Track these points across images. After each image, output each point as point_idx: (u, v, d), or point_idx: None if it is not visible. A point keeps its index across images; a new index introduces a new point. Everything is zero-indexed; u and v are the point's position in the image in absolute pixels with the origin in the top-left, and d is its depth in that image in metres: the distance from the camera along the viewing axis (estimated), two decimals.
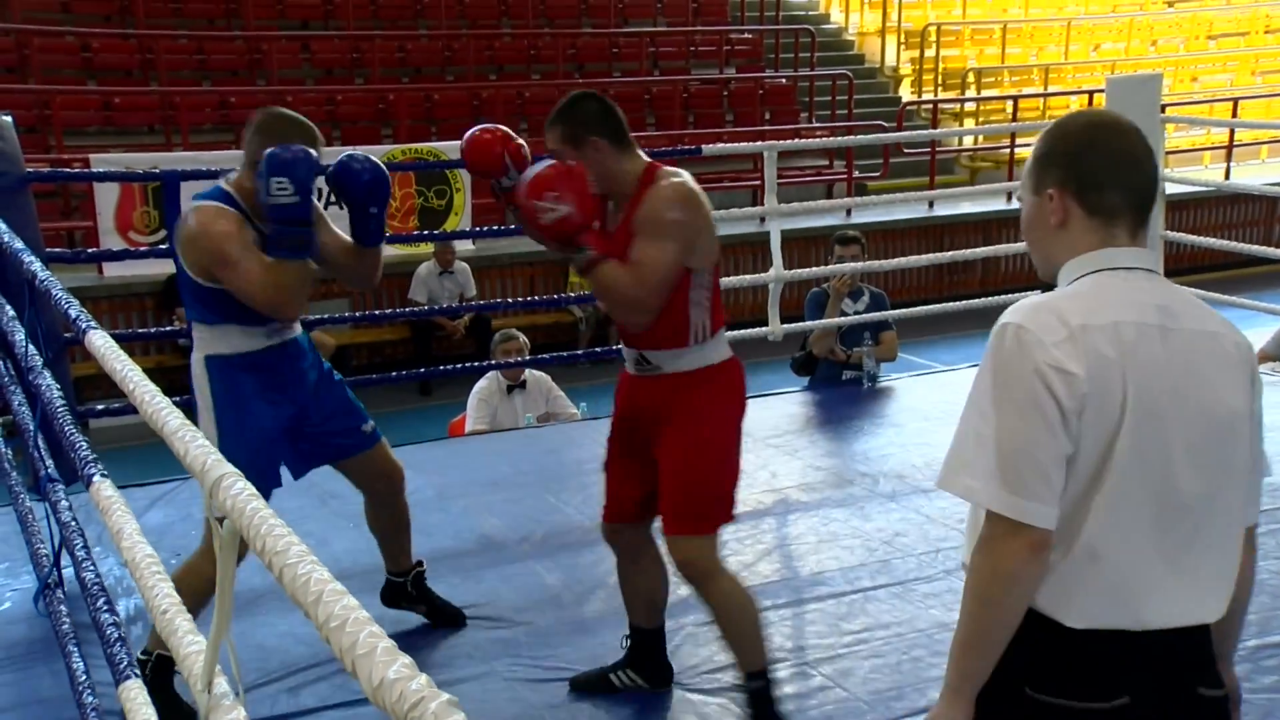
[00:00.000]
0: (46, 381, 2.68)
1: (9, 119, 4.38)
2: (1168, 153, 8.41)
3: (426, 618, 3.60)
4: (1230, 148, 13.80)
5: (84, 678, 2.62)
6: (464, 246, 10.18)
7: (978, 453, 1.63)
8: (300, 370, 3.30)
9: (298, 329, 3.34)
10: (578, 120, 2.85)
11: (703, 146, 7.07)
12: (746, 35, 14.59)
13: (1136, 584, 1.64)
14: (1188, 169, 13.32)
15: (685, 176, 2.87)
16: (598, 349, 9.09)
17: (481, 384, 6.00)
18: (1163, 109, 6.66)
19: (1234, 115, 13.60)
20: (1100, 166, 1.72)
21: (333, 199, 3.70)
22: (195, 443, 1.53)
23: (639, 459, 3.00)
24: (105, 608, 2.14)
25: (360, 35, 12.55)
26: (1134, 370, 1.62)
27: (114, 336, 2.24)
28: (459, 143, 2.97)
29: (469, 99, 12.18)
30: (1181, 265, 11.08)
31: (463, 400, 6.14)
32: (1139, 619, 1.64)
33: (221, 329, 3.12)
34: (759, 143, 9.70)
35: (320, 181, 3.22)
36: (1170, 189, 6.63)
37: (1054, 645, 1.66)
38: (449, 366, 6.25)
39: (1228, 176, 13.29)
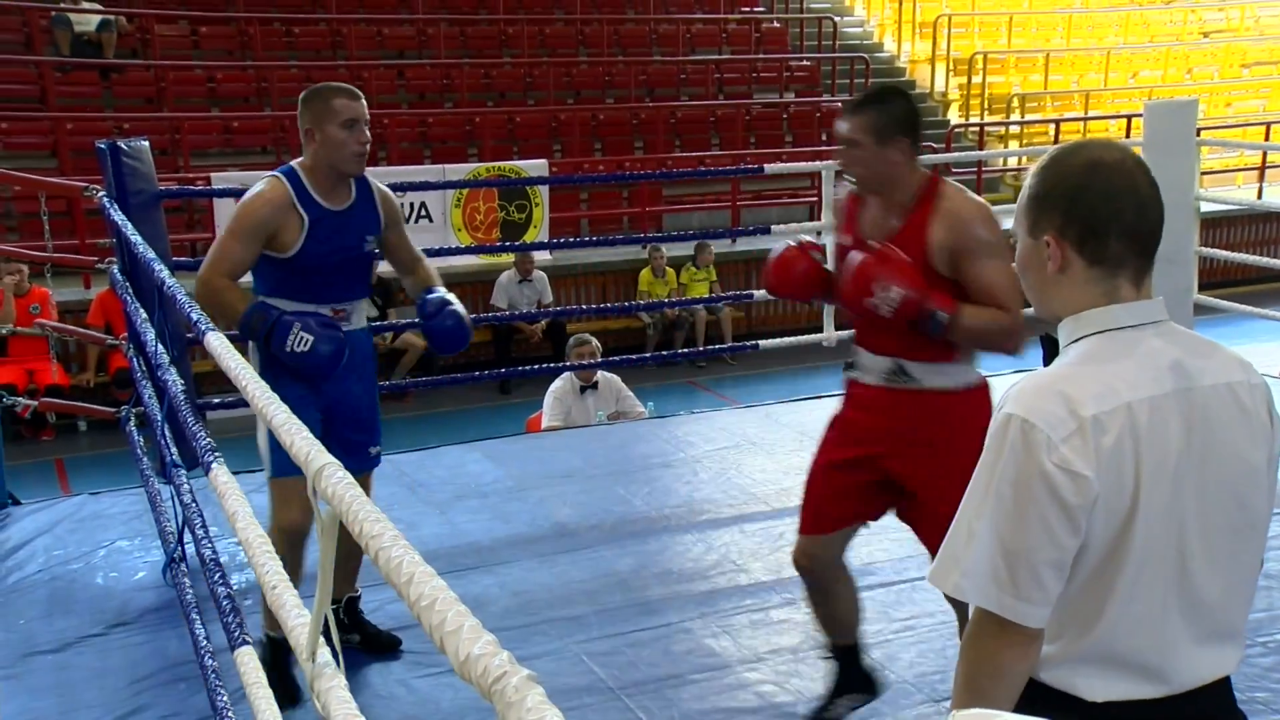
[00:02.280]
0: (172, 377, 2.74)
1: (146, 144, 4.48)
2: (1203, 173, 8.21)
3: (359, 647, 3.30)
4: (1263, 169, 13.47)
5: (205, 643, 2.68)
6: (542, 257, 10.24)
7: (968, 548, 1.46)
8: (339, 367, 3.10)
9: (356, 323, 3.19)
10: (892, 116, 2.55)
11: (764, 166, 7.04)
12: (805, 63, 14.51)
13: (1158, 657, 1.48)
14: (1222, 189, 13.01)
15: (964, 188, 2.64)
16: (664, 352, 9.10)
17: (557, 384, 6.03)
18: (1198, 132, 6.50)
19: (1266, 139, 13.29)
20: (1102, 211, 1.48)
21: (420, 213, 3.73)
22: (300, 434, 1.55)
23: (864, 476, 2.66)
24: (221, 581, 2.18)
25: (450, 63, 12.68)
26: (1149, 453, 1.43)
27: (228, 336, 2.28)
28: (540, 161, 2.94)
29: (548, 121, 12.24)
30: (1215, 279, 10.83)
31: (539, 399, 6.18)
32: (1160, 687, 1.49)
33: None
34: (817, 162, 9.63)
35: (414, 195, 3.29)
36: (1205, 207, 6.48)
37: (1073, 717, 1.50)
38: (527, 367, 6.28)
39: (1260, 196, 13.00)
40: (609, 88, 13.25)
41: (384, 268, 10.02)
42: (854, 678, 2.88)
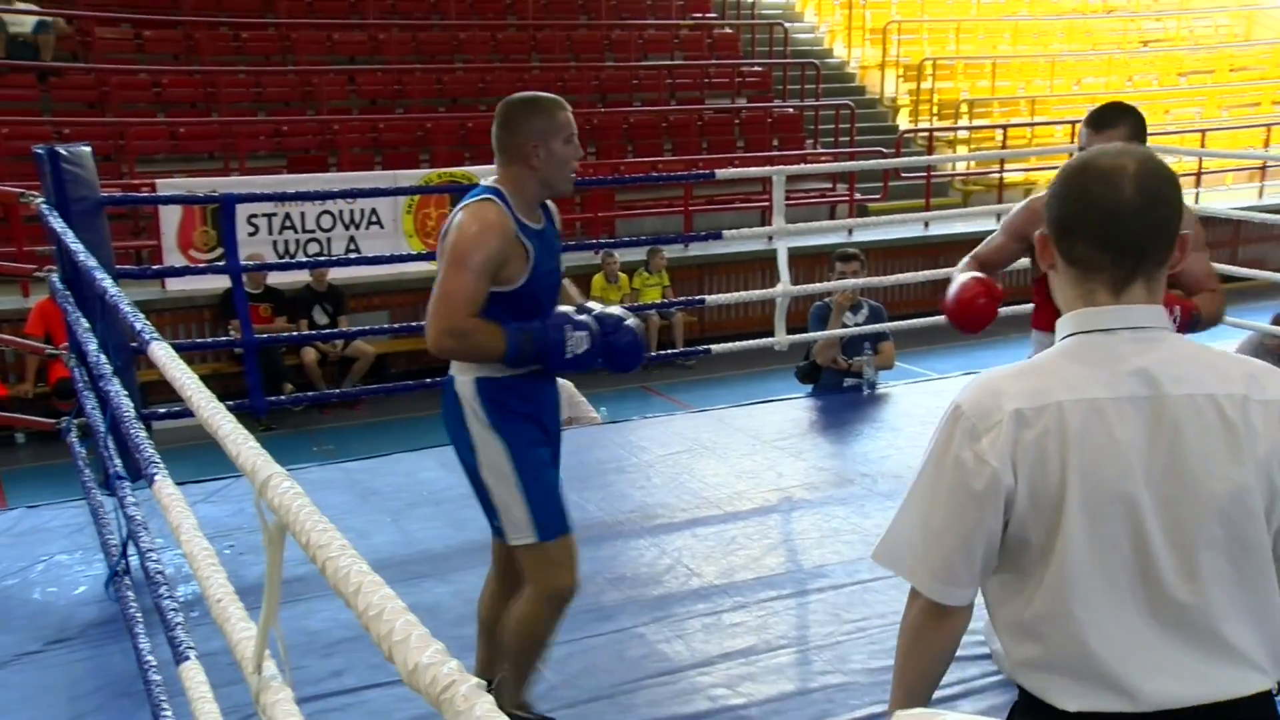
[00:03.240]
0: (115, 388, 2.70)
1: (88, 149, 4.41)
2: None
3: None
4: (1199, 175, 13.74)
5: (149, 658, 2.64)
6: None
7: (897, 520, 1.58)
8: (555, 415, 2.87)
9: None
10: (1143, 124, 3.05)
11: (716, 171, 7.07)
12: (757, 69, 14.59)
13: (1131, 669, 1.47)
14: None
15: None
16: None
17: None
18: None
19: (1202, 145, 13.58)
20: (1072, 214, 1.51)
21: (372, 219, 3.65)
22: (246, 443, 1.53)
23: None
24: (167, 594, 2.15)
25: (402, 69, 12.61)
26: (1079, 454, 1.44)
27: (175, 346, 2.25)
28: (492, 166, 2.84)
29: None
30: None
31: None
32: (1137, 701, 1.47)
33: None
34: (768, 167, 9.70)
35: (365, 202, 3.18)
36: None
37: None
38: None
39: (1197, 201, 13.24)
40: (562, 93, 13.15)
41: (335, 273, 9.93)
42: None
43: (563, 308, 2.76)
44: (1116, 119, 3.05)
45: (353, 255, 9.67)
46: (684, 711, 3.02)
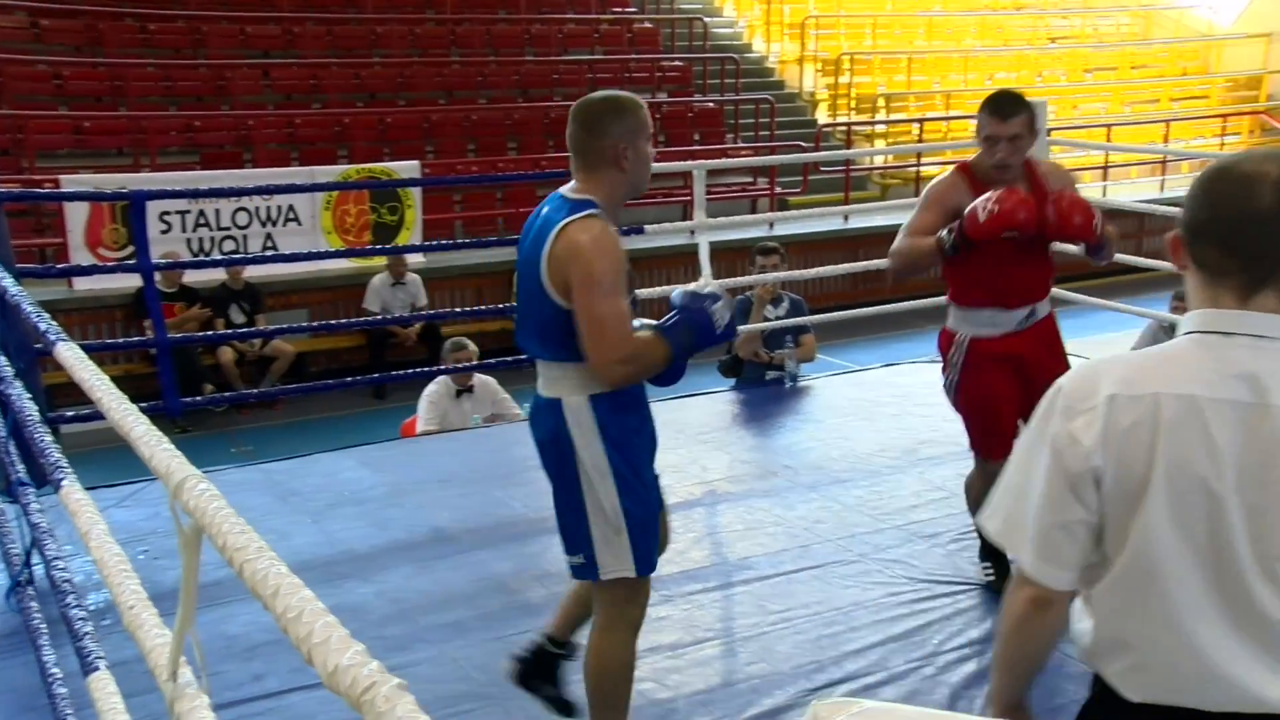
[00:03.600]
0: (17, 391, 2.62)
1: None
2: None
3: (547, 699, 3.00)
4: (1106, 168, 14.11)
5: (54, 670, 2.56)
6: (416, 259, 10.10)
7: (1003, 498, 1.60)
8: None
9: None
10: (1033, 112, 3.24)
11: None
12: (677, 63, 14.62)
13: (1202, 667, 1.47)
14: None
15: None
16: None
17: (432, 388, 5.95)
18: (1049, 132, 6.77)
19: (1108, 139, 13.95)
20: (1202, 218, 1.49)
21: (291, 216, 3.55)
22: (160, 446, 1.50)
23: (1021, 393, 3.27)
24: (74, 604, 2.09)
25: (318, 63, 12.41)
26: (1169, 448, 1.44)
27: (85, 347, 2.19)
28: (413, 162, 2.80)
29: (420, 122, 12.08)
30: (1067, 273, 11.25)
31: (414, 403, 6.09)
32: (1204, 700, 1.49)
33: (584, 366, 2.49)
34: (689, 162, 9.73)
35: (281, 198, 3.06)
36: None
37: (1115, 714, 1.56)
38: (402, 372, 6.19)
39: (1104, 194, 13.60)
40: (482, 88, 13.14)
41: (251, 271, 9.74)
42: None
43: (675, 290, 2.73)
44: (1019, 108, 3.21)
45: (270, 253, 9.50)
46: None
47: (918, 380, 6.09)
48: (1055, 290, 6.96)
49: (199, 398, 7.45)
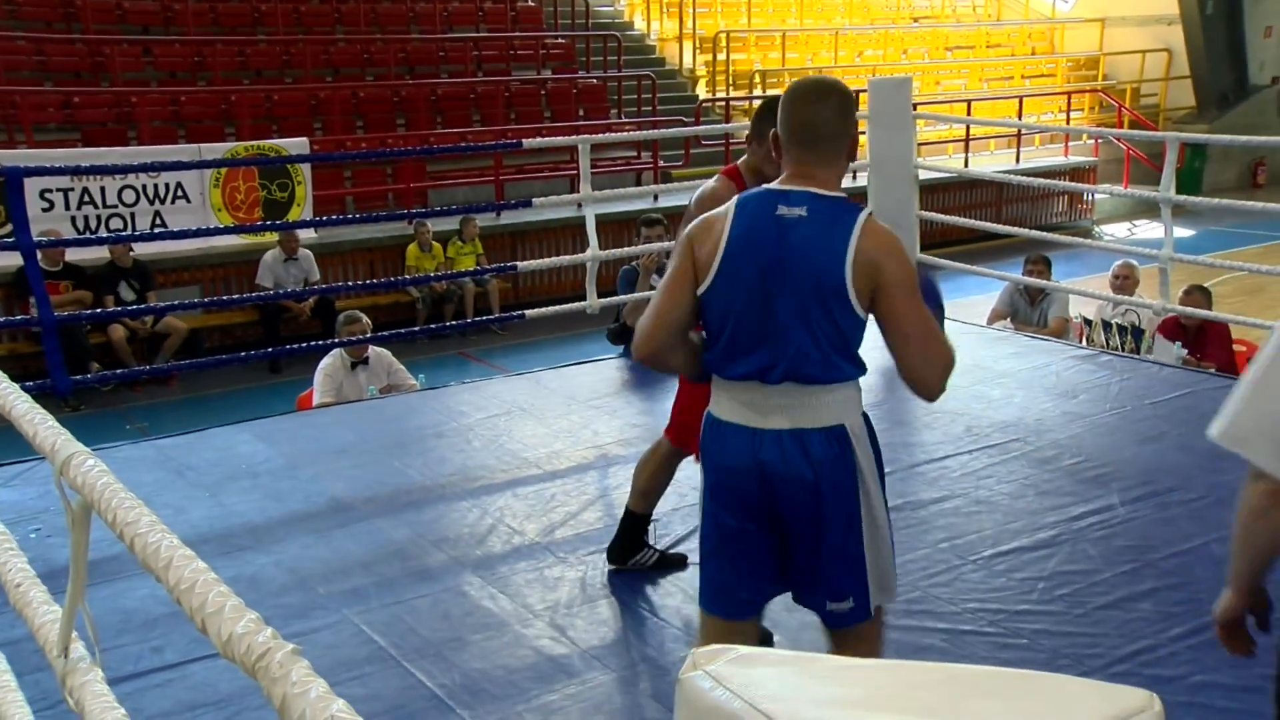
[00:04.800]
0: None
1: None
2: (919, 144, 8.77)
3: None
4: (967, 141, 14.49)
5: None
6: (307, 235, 9.86)
7: (1236, 404, 1.71)
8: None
9: None
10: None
11: (523, 140, 7.00)
12: (560, 40, 14.49)
13: None
14: (935, 158, 13.91)
15: None
16: (434, 325, 8.96)
17: (326, 361, 5.83)
18: (915, 107, 6.91)
19: (968, 114, 14.32)
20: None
21: None
22: (45, 424, 1.43)
23: None
24: None
25: (201, 40, 11.94)
26: None
27: None
28: (301, 139, 2.66)
29: (307, 99, 11.75)
30: (933, 240, 11.56)
31: (309, 376, 5.96)
32: None
33: (859, 384, 2.25)
34: (574, 136, 9.67)
35: (169, 176, 2.84)
36: (922, 175, 6.91)
37: None
38: (296, 346, 6.04)
39: (966, 165, 13.97)
40: (368, 66, 12.84)
41: (141, 249, 9.38)
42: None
43: None
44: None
45: (159, 230, 9.14)
46: (510, 661, 3.02)
47: None
48: (922, 255, 7.13)
49: (88, 375, 7.17)
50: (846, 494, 2.18)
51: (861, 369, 2.19)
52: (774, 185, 2.22)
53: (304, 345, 5.85)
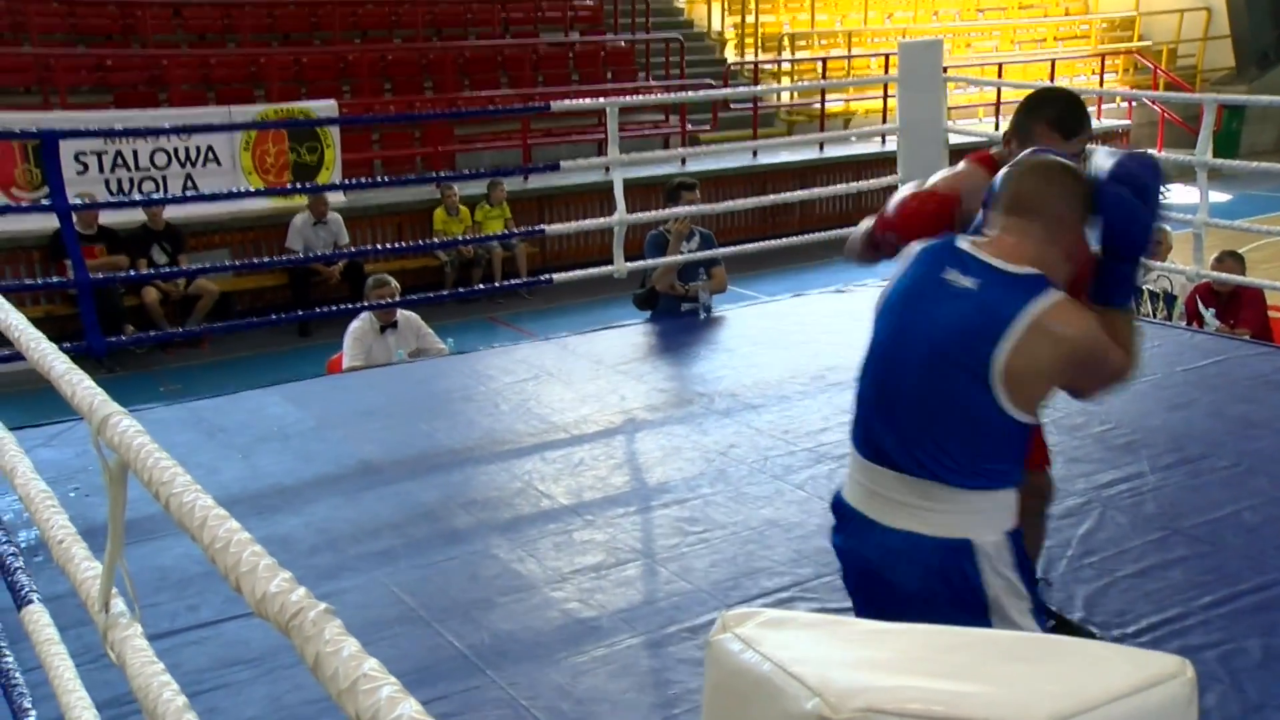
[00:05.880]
0: None
1: None
2: (950, 108, 8.65)
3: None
4: (999, 104, 14.30)
5: None
6: (336, 198, 9.88)
7: None
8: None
9: None
10: None
11: (551, 103, 6.97)
12: (588, 2, 14.39)
13: None
14: (966, 122, 13.75)
15: None
16: (461, 290, 8.99)
17: (356, 324, 5.86)
18: (945, 70, 6.82)
19: (999, 76, 14.12)
20: None
21: None
22: (82, 384, 1.45)
23: None
24: (4, 540, 2.03)
25: (230, 3, 11.95)
26: None
27: (2, 289, 2.11)
28: (329, 101, 2.64)
29: (335, 61, 11.74)
30: None
31: (339, 340, 5.99)
32: None
33: (1007, 494, 1.89)
34: (602, 100, 9.62)
35: (200, 138, 2.78)
36: (953, 139, 6.82)
37: None
38: (325, 309, 6.07)
39: (998, 129, 13.77)
40: (396, 28, 12.80)
41: (172, 212, 9.44)
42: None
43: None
44: (1085, 126, 2.43)
45: (190, 193, 9.20)
46: (538, 623, 3.04)
47: (823, 309, 6.16)
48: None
49: (123, 337, 7.24)
50: (962, 620, 1.68)
51: (1007, 480, 1.85)
52: (961, 243, 1.92)
53: (333, 309, 5.87)
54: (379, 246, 9.87)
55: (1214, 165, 5.89)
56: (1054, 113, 2.41)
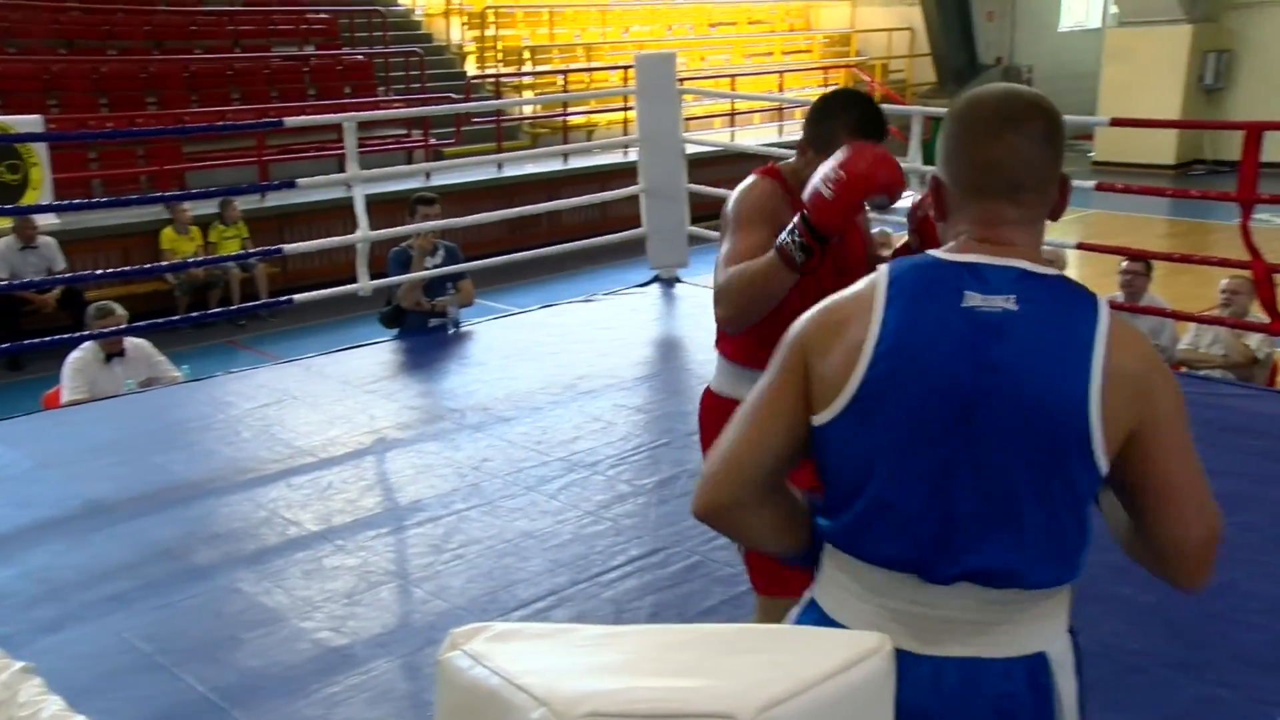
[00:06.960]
0: None
1: None
2: (686, 119, 8.97)
3: None
4: (733, 115, 14.93)
5: None
6: (48, 221, 9.14)
7: None
8: None
9: None
10: None
11: (285, 119, 6.71)
12: (322, 15, 13.97)
13: None
14: (702, 133, 14.26)
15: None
16: (195, 314, 8.51)
17: (76, 355, 5.44)
18: (681, 82, 7.07)
19: (732, 89, 14.76)
20: None
21: None
22: None
23: None
24: None
25: None
26: None
27: None
28: (34, 116, 2.43)
29: (39, 73, 10.87)
30: (704, 213, 11.85)
31: (57, 373, 5.55)
32: None
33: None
34: (340, 115, 9.36)
35: None
36: (690, 149, 7.07)
37: None
38: (39, 340, 5.60)
39: (733, 139, 14.40)
40: (110, 39, 11.99)
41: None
42: None
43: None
44: (884, 131, 2.26)
45: None
46: (287, 659, 2.92)
47: (574, 319, 6.24)
48: (690, 229, 7.31)
49: None
50: None
51: (1074, 569, 1.39)
52: (952, 255, 1.40)
53: (48, 339, 5.43)
54: (100, 271, 9.20)
55: (923, 171, 6.37)
56: (856, 116, 2.20)
